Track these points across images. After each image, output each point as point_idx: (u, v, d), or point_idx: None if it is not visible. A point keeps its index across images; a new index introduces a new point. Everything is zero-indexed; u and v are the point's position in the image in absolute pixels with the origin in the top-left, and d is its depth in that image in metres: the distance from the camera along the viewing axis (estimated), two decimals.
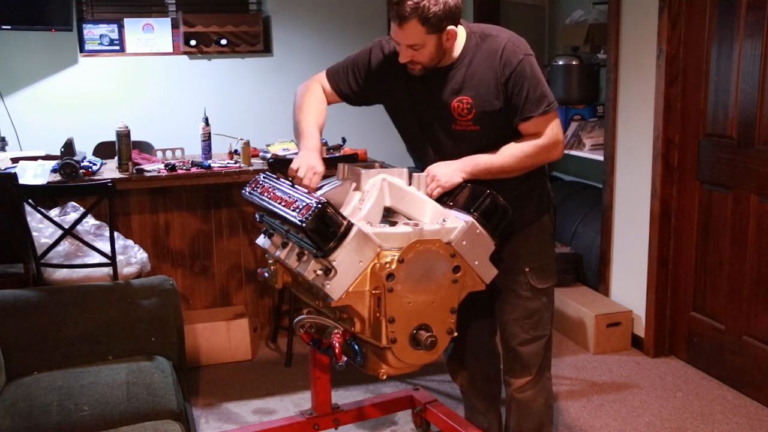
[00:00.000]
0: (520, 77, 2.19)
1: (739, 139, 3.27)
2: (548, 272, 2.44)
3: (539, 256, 2.42)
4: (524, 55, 2.20)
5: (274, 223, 2.20)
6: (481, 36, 2.25)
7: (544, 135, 2.24)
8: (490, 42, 2.23)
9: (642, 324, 3.81)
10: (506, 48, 2.20)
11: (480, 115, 2.23)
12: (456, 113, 2.25)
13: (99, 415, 2.20)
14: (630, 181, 3.85)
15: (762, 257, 3.19)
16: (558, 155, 2.30)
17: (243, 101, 5.18)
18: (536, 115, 2.21)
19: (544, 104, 2.21)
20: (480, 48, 2.23)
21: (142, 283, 2.79)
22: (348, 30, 5.28)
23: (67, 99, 4.90)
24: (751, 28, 3.16)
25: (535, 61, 2.24)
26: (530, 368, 2.47)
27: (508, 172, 2.26)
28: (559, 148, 2.28)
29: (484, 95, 2.22)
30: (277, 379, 3.53)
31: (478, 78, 2.22)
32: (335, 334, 2.07)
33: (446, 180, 2.21)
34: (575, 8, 4.99)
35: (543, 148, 2.25)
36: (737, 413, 3.19)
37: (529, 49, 2.24)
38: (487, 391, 2.72)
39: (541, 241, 2.43)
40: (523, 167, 2.27)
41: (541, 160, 2.30)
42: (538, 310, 2.43)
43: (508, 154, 2.24)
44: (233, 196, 3.77)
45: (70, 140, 3.72)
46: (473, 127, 2.25)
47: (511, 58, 2.19)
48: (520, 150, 2.24)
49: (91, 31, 4.93)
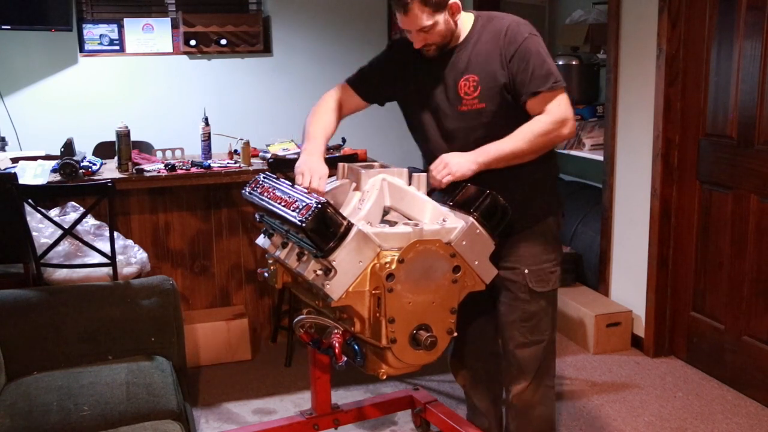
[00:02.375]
0: (525, 54, 2.20)
1: (739, 139, 3.27)
2: (549, 276, 2.40)
3: (540, 259, 2.38)
4: (529, 34, 2.23)
5: (274, 223, 2.21)
6: (487, 18, 2.30)
7: (551, 112, 2.22)
8: (495, 22, 2.28)
9: (642, 324, 3.81)
10: (510, 27, 2.24)
11: (485, 92, 2.24)
12: (462, 92, 2.26)
13: (99, 415, 2.20)
14: (630, 181, 3.85)
15: (762, 257, 3.19)
16: (569, 133, 2.25)
17: (243, 101, 5.18)
18: (544, 90, 2.19)
19: (551, 80, 2.20)
20: (486, 28, 2.27)
21: (142, 283, 2.79)
22: (348, 30, 5.28)
23: (67, 99, 4.90)
24: (751, 28, 3.16)
25: (541, 41, 2.25)
26: (526, 373, 2.44)
27: (520, 155, 2.22)
28: (569, 125, 2.24)
29: (490, 71, 2.23)
30: (277, 379, 3.53)
31: (483, 56, 2.24)
32: (335, 334, 2.07)
33: (457, 169, 2.19)
34: (575, 8, 5.00)
35: (552, 124, 2.21)
36: (737, 413, 3.19)
37: (534, 30, 2.26)
38: (489, 391, 2.71)
39: (543, 244, 2.39)
40: (535, 148, 2.23)
41: (552, 139, 2.25)
42: (536, 314, 2.40)
43: (518, 137, 2.21)
44: (233, 196, 3.77)
45: (69, 140, 3.72)
46: (479, 105, 2.25)
47: (515, 36, 2.21)
48: (529, 130, 2.21)
49: (90, 31, 4.93)
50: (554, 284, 2.43)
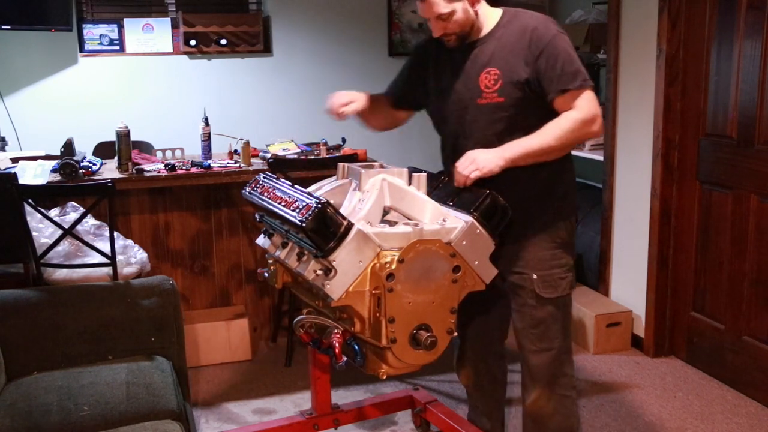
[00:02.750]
0: (553, 51, 2.18)
1: (739, 139, 3.27)
2: (558, 282, 2.35)
3: (549, 264, 2.34)
4: (557, 32, 2.22)
5: (274, 223, 2.21)
6: (514, 13, 2.30)
7: (580, 108, 2.19)
8: (522, 18, 2.27)
9: (642, 324, 3.81)
10: (539, 24, 2.23)
11: (506, 87, 2.23)
12: (483, 85, 2.25)
13: (99, 415, 2.20)
14: (630, 181, 3.85)
15: (762, 257, 3.19)
16: (597, 131, 2.22)
17: (243, 101, 5.18)
18: (572, 88, 2.18)
19: (580, 78, 2.18)
20: (512, 23, 2.27)
21: (142, 283, 2.79)
22: (348, 30, 5.27)
23: (67, 99, 4.89)
24: (751, 28, 3.16)
25: (568, 40, 2.24)
26: (537, 381, 2.40)
27: (548, 151, 2.21)
28: (598, 123, 2.21)
29: (512, 66, 2.22)
30: (277, 379, 3.53)
31: (508, 50, 2.24)
32: (335, 334, 2.07)
33: (485, 164, 2.17)
34: (575, 8, 5.00)
35: (580, 121, 2.19)
36: (737, 413, 3.19)
37: (562, 29, 2.26)
38: (492, 393, 2.69)
39: (553, 249, 2.34)
40: (562, 144, 2.21)
41: (581, 135, 2.23)
42: (544, 320, 2.36)
43: (546, 133, 2.19)
44: (233, 196, 3.77)
45: (69, 140, 3.72)
46: (498, 99, 2.24)
47: (544, 33, 2.20)
48: (557, 126, 2.19)
49: (91, 31, 4.93)
50: (564, 290, 2.37)
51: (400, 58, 5.24)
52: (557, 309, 2.37)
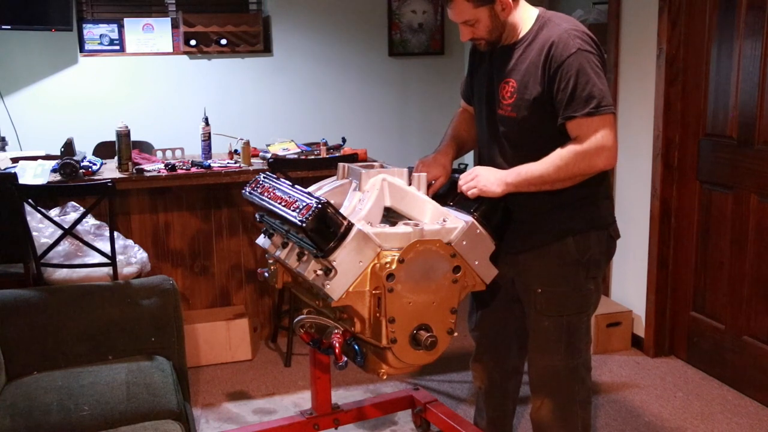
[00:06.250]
0: (567, 71, 2.03)
1: (739, 139, 3.27)
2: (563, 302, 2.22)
3: (554, 281, 2.21)
4: (578, 49, 2.04)
5: (274, 223, 2.21)
6: (546, 21, 2.14)
7: (586, 140, 2.03)
8: (549, 28, 2.11)
9: (642, 324, 3.81)
10: (560, 39, 2.06)
11: (518, 102, 2.13)
12: (501, 95, 2.18)
13: (99, 415, 2.20)
14: (630, 181, 3.85)
15: (762, 257, 3.19)
16: (604, 164, 2.07)
17: (243, 101, 5.18)
18: (579, 115, 2.03)
19: (591, 105, 2.01)
20: (540, 33, 2.12)
21: (142, 283, 2.79)
22: (348, 30, 5.27)
23: (67, 99, 4.89)
24: (751, 28, 3.16)
25: (592, 58, 2.06)
26: (536, 391, 2.34)
27: (548, 181, 2.09)
28: (604, 156, 2.04)
29: (527, 82, 2.11)
30: (277, 379, 3.53)
31: (528, 63, 2.12)
32: (335, 334, 2.07)
33: (485, 185, 2.13)
34: (575, 8, 4.99)
35: (581, 154, 2.04)
36: (737, 413, 3.19)
37: (589, 44, 2.07)
38: (501, 405, 2.59)
39: (560, 266, 2.20)
40: (563, 176, 2.08)
41: (583, 168, 2.06)
42: (543, 335, 2.26)
43: (547, 163, 2.07)
44: (233, 196, 3.77)
45: (70, 140, 3.72)
46: (510, 113, 2.16)
47: (561, 51, 2.04)
48: (558, 156, 2.06)
49: (91, 30, 4.93)
50: (569, 311, 2.22)
51: (400, 58, 5.27)
52: (558, 328, 2.24)
